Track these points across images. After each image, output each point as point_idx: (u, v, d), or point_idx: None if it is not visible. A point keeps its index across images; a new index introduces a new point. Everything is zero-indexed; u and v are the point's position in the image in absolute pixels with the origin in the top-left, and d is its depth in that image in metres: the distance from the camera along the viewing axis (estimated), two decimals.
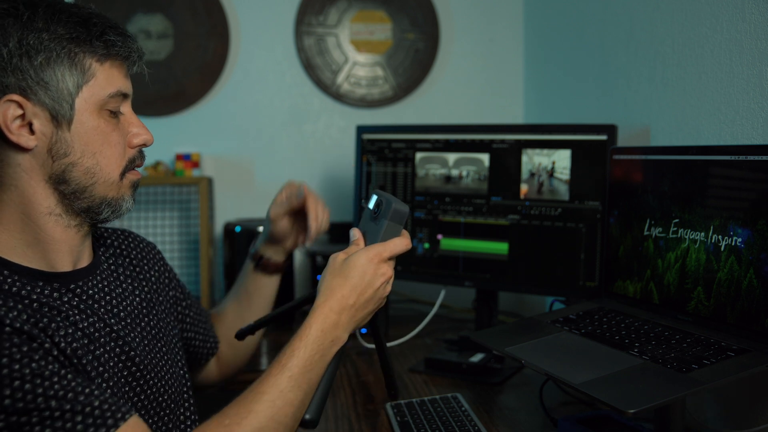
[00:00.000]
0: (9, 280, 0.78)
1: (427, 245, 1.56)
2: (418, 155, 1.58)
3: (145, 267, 1.04)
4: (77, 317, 0.82)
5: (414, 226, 1.58)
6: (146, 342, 0.93)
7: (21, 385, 0.69)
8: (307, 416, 0.87)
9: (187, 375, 1.02)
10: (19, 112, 0.78)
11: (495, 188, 1.48)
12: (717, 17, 1.20)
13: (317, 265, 1.72)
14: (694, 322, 1.03)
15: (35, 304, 0.78)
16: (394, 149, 1.61)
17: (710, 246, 1.01)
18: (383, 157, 1.62)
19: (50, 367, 0.72)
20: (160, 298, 1.04)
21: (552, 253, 1.41)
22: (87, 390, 0.73)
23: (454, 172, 1.53)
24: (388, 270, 0.92)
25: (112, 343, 0.85)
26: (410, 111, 2.09)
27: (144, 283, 1.01)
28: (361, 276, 0.90)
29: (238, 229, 1.72)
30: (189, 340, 1.13)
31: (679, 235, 1.07)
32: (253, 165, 2.04)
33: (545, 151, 1.42)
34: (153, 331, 0.96)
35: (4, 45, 0.76)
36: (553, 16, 1.92)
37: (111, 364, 0.83)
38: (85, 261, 0.90)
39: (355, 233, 0.97)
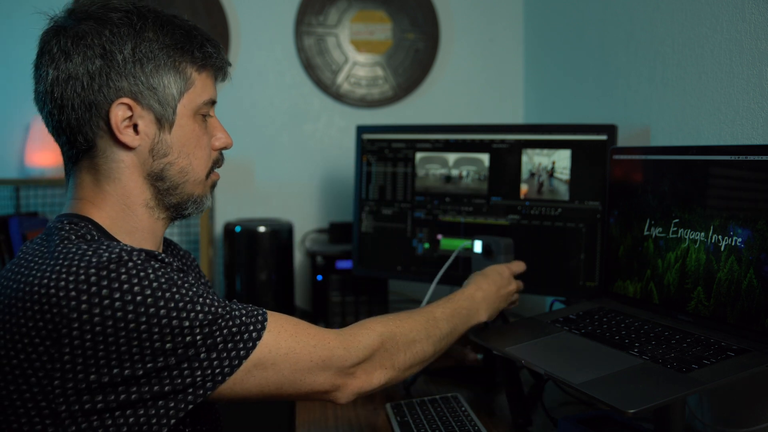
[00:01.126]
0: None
1: (427, 245, 1.56)
2: (418, 155, 1.58)
3: (188, 273, 1.06)
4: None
5: (414, 226, 1.58)
6: None
7: (205, 300, 0.78)
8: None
9: None
10: (128, 113, 0.84)
11: (495, 188, 1.48)
12: (717, 17, 1.20)
13: (317, 264, 1.72)
14: (694, 322, 1.03)
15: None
16: (394, 149, 1.61)
17: (710, 246, 1.01)
18: (383, 157, 1.62)
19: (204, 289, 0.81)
20: None
21: (552, 253, 1.41)
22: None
23: (454, 172, 1.53)
24: (515, 283, 1.23)
25: None
26: (410, 111, 2.09)
27: None
28: (499, 278, 1.18)
29: (238, 229, 1.72)
30: None
31: (679, 235, 1.07)
32: (253, 165, 2.04)
33: (545, 151, 1.42)
34: None
35: (120, 52, 0.83)
36: (553, 16, 1.92)
37: None
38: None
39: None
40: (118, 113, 0.84)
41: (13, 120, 1.89)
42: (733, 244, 0.97)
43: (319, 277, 1.72)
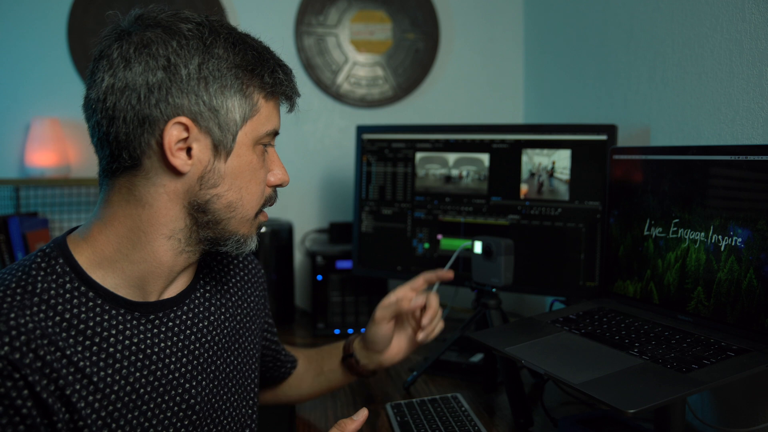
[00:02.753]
0: (90, 303, 0.77)
1: (427, 245, 1.56)
2: (418, 155, 1.58)
3: (248, 291, 1.00)
4: (146, 353, 0.80)
5: (414, 226, 1.58)
6: (216, 383, 0.89)
7: None
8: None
9: (255, 408, 0.98)
10: (184, 135, 0.76)
11: (495, 188, 1.48)
12: (717, 17, 1.20)
13: (317, 264, 1.72)
14: (694, 322, 1.03)
15: (103, 341, 0.76)
16: (394, 149, 1.61)
17: (710, 246, 1.01)
18: (383, 157, 1.62)
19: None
20: (253, 326, 1.00)
21: (552, 253, 1.41)
22: None
23: (454, 172, 1.53)
24: None
25: (172, 392, 0.82)
26: (410, 111, 2.09)
27: (240, 311, 0.97)
28: None
29: None
30: (265, 363, 1.12)
31: (679, 235, 1.07)
32: None
33: (545, 151, 1.42)
34: (230, 367, 0.92)
35: (185, 66, 0.75)
36: (553, 16, 1.92)
37: (170, 414, 0.82)
38: (177, 288, 0.86)
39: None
40: (173, 133, 0.75)
41: (13, 120, 1.89)
42: (733, 244, 0.97)
43: (319, 277, 1.72)
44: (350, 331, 1.71)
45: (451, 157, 1.54)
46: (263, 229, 1.70)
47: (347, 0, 2.03)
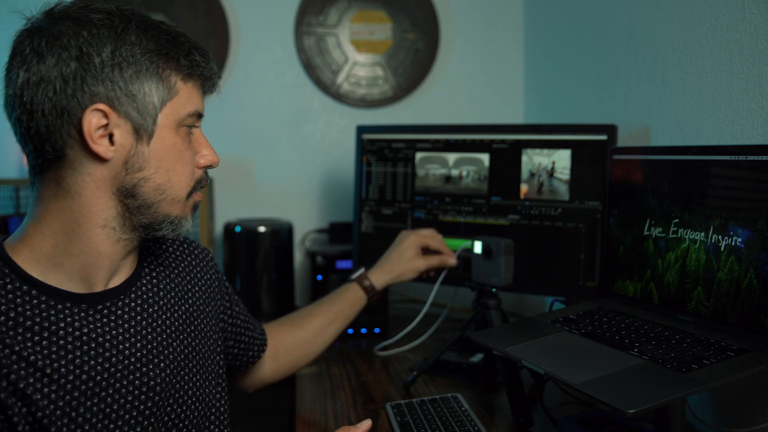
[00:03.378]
0: (35, 301, 0.78)
1: None
2: (418, 155, 1.58)
3: (197, 276, 1.02)
4: (98, 342, 0.81)
5: (414, 226, 1.58)
6: (174, 365, 0.90)
7: None
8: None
9: (223, 392, 1.00)
10: (104, 121, 0.78)
11: (495, 188, 1.48)
12: (717, 17, 1.20)
13: (317, 264, 1.72)
14: (694, 322, 1.03)
15: (52, 335, 0.77)
16: (394, 149, 1.61)
17: (710, 246, 1.01)
18: (383, 157, 1.62)
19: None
20: (207, 309, 1.01)
21: (552, 253, 1.41)
22: None
23: (454, 172, 1.53)
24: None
25: (131, 376, 0.83)
26: (410, 111, 2.09)
27: (190, 295, 0.98)
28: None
29: (238, 229, 1.71)
30: (228, 348, 1.11)
31: (679, 235, 1.07)
32: (253, 165, 2.04)
33: (545, 151, 1.42)
34: (188, 349, 0.93)
35: (98, 54, 0.77)
36: (553, 16, 1.92)
37: (131, 398, 0.82)
38: (122, 276, 0.88)
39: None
40: (92, 120, 0.77)
41: None
42: (733, 244, 0.97)
43: (319, 277, 1.72)
44: (350, 331, 1.71)
45: (451, 157, 1.54)
46: (263, 229, 1.71)
47: (347, 0, 2.03)
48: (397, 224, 1.60)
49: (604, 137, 1.35)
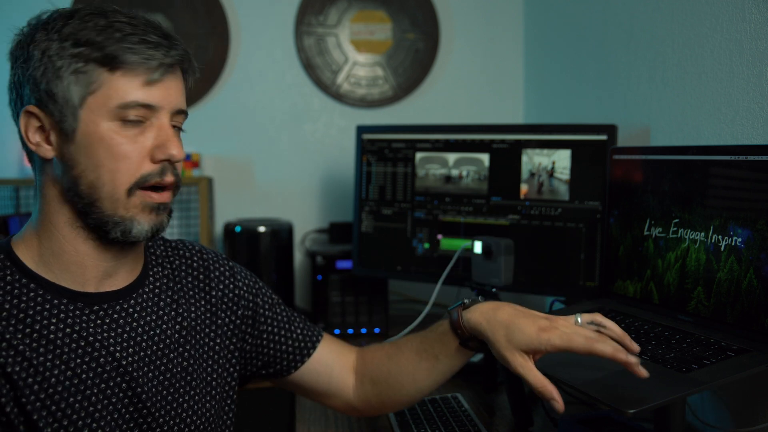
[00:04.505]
0: (32, 294, 0.79)
1: (427, 245, 1.56)
2: (418, 155, 1.58)
3: (207, 287, 0.98)
4: (89, 342, 0.81)
5: (414, 226, 1.58)
6: (167, 376, 0.88)
7: None
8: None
9: (230, 407, 0.97)
10: (36, 123, 0.79)
11: (495, 188, 1.48)
12: (717, 17, 1.20)
13: (317, 264, 1.72)
14: (694, 322, 1.03)
15: (43, 328, 0.78)
16: (394, 149, 1.61)
17: (710, 246, 1.01)
18: (383, 157, 1.62)
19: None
20: (219, 321, 0.97)
21: (552, 253, 1.41)
22: None
23: (454, 172, 1.53)
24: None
25: (118, 378, 0.83)
26: (410, 111, 2.09)
27: (196, 307, 0.95)
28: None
29: (238, 229, 1.72)
30: (260, 355, 1.04)
31: (679, 235, 1.07)
32: (253, 165, 2.04)
33: (545, 151, 1.42)
34: (187, 362, 0.91)
35: (33, 57, 0.77)
36: (553, 16, 1.92)
37: (114, 399, 0.82)
38: (122, 281, 0.87)
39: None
40: (25, 122, 0.79)
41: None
42: (733, 244, 0.97)
43: (319, 277, 1.72)
44: (350, 331, 1.71)
45: (451, 157, 1.54)
46: (263, 229, 1.71)
47: (347, 0, 2.03)
48: (397, 224, 1.60)
49: (604, 137, 1.35)
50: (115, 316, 0.85)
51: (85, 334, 0.81)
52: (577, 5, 1.75)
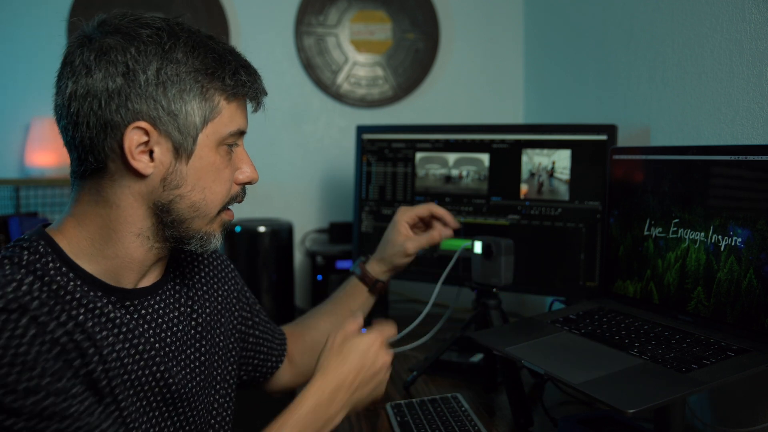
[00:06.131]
0: (71, 284, 0.78)
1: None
2: (418, 155, 1.58)
3: (215, 285, 1.02)
4: (124, 333, 0.81)
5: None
6: (188, 371, 0.90)
7: (46, 396, 0.70)
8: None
9: (229, 401, 0.99)
10: (144, 138, 0.79)
11: (495, 188, 1.48)
12: (717, 17, 1.20)
13: (317, 264, 1.72)
14: (694, 322, 1.03)
15: (87, 314, 0.78)
16: (394, 149, 1.61)
17: (710, 246, 1.01)
18: (383, 157, 1.62)
19: (75, 388, 0.73)
20: (223, 320, 1.01)
21: (552, 253, 1.41)
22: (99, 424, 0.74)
23: (454, 172, 1.53)
24: (383, 355, 0.94)
25: (154, 368, 0.84)
26: (410, 111, 2.09)
27: (208, 304, 0.98)
28: (359, 357, 0.91)
29: (238, 229, 1.72)
30: (248, 359, 1.10)
31: (679, 235, 1.07)
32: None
33: (545, 151, 1.42)
34: (203, 357, 0.94)
35: (143, 72, 0.77)
36: (553, 16, 1.92)
37: (147, 387, 0.83)
38: (150, 279, 0.89)
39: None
40: (133, 137, 0.78)
41: (13, 120, 1.89)
42: (733, 244, 0.97)
43: (319, 277, 1.72)
44: None
45: (451, 157, 1.54)
46: (263, 229, 1.71)
47: (347, 0, 2.03)
48: None
49: (604, 137, 1.35)
50: (143, 311, 0.87)
51: (118, 322, 0.82)
52: (577, 5, 1.75)
